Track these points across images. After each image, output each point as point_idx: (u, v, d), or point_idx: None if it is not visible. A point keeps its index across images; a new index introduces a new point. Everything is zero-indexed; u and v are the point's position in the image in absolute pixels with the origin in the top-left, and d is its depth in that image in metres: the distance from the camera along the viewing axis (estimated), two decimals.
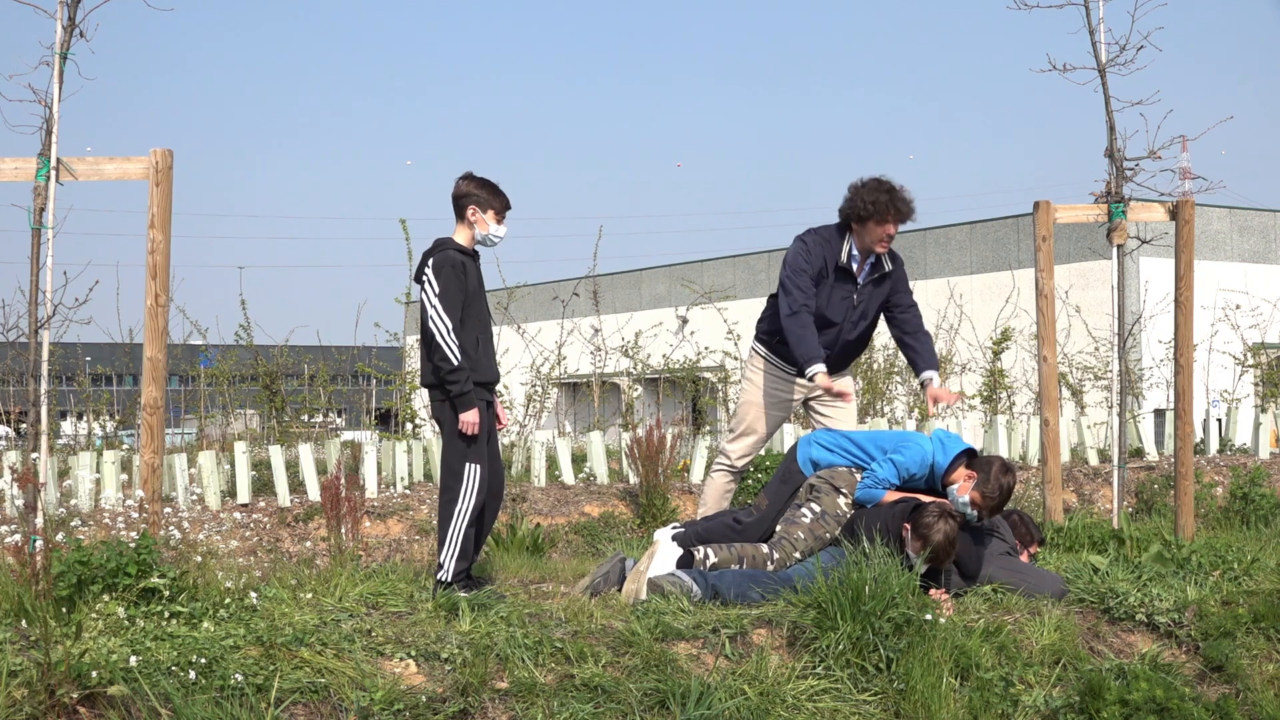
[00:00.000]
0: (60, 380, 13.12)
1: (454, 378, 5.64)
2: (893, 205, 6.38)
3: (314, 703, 4.39)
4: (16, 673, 4.10)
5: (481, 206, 5.86)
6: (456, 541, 5.66)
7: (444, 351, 5.65)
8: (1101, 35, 7.38)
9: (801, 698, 4.92)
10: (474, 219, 5.86)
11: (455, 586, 5.61)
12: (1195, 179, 7.86)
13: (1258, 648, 5.89)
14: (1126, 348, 7.95)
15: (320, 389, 11.86)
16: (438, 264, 5.74)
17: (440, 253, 5.80)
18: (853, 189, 6.48)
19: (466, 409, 5.64)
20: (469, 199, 5.85)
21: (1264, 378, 13.05)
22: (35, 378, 5.61)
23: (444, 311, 5.67)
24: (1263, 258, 27.26)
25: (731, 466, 6.89)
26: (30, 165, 5.69)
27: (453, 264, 5.74)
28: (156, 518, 5.82)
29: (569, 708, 4.60)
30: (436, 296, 5.68)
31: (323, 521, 7.29)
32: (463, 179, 5.90)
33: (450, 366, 5.64)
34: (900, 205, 6.42)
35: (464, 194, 5.87)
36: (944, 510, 5.72)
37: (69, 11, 5.64)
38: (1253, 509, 9.01)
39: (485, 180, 5.92)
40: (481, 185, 5.88)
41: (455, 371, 5.64)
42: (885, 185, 6.43)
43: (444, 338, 5.65)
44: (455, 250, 5.82)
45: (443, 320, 5.66)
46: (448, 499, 5.71)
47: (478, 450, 5.72)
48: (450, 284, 5.70)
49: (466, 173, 5.93)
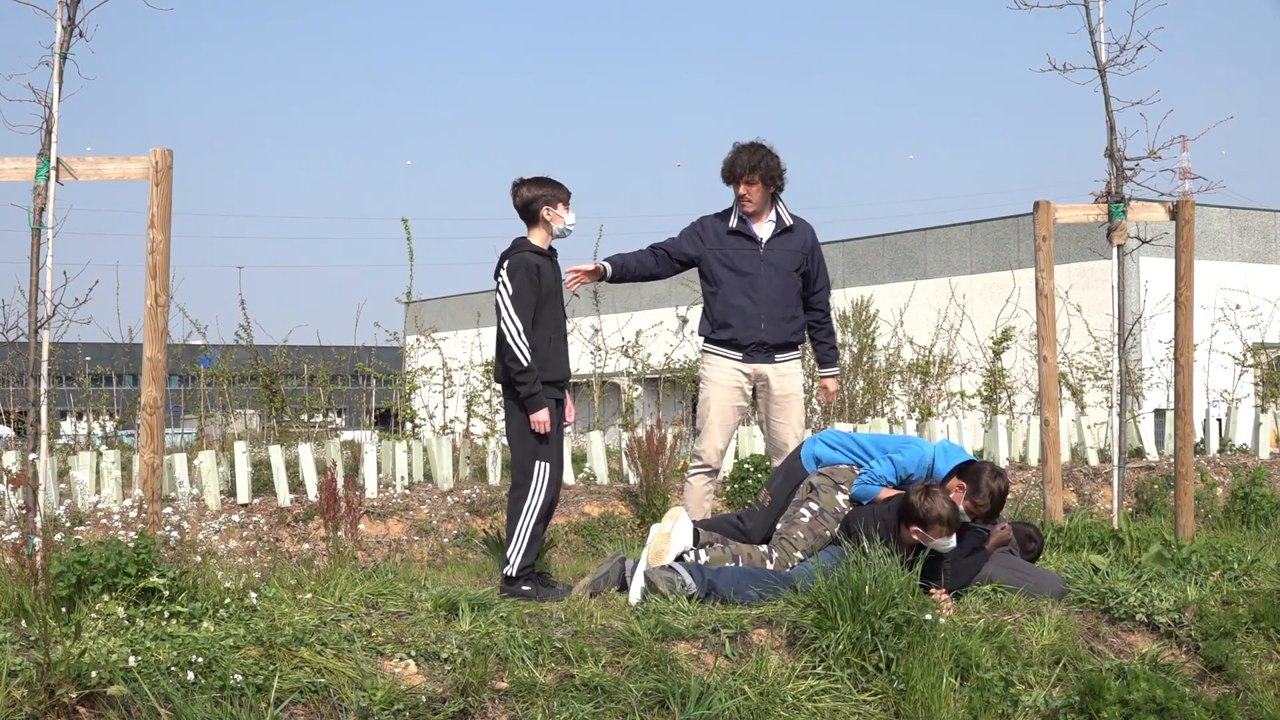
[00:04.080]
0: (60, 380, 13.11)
1: (523, 379, 5.82)
2: (736, 163, 6.75)
3: (314, 703, 4.39)
4: (16, 673, 4.10)
5: (552, 203, 6.04)
6: (524, 539, 5.80)
7: (514, 353, 5.83)
8: (1101, 35, 7.38)
9: (801, 698, 4.92)
10: (549, 216, 6.04)
11: (520, 582, 5.76)
12: (1195, 179, 7.85)
13: (1258, 648, 5.89)
14: (1126, 348, 7.94)
15: (320, 389, 11.85)
16: (512, 266, 5.93)
17: (516, 254, 5.98)
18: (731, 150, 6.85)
19: (536, 409, 5.83)
20: (539, 200, 6.03)
21: (1264, 378, 13.06)
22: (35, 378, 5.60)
23: (516, 313, 5.85)
24: (1263, 258, 27.26)
25: (705, 467, 6.93)
26: (30, 165, 5.68)
27: (527, 266, 5.91)
28: (156, 518, 5.81)
29: (569, 708, 4.60)
30: (510, 298, 5.87)
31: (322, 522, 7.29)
32: (522, 186, 6.07)
33: (520, 368, 5.82)
34: (743, 161, 6.74)
35: (533, 198, 6.03)
36: (927, 488, 5.71)
37: (69, 11, 5.63)
38: (1253, 509, 9.01)
39: (541, 177, 6.09)
40: (543, 183, 6.07)
41: (524, 373, 5.82)
42: (753, 145, 6.78)
43: (514, 339, 5.84)
44: (531, 252, 5.99)
45: (514, 322, 5.85)
46: (517, 496, 5.87)
47: (548, 449, 5.89)
48: (523, 286, 5.87)
49: (519, 179, 6.10)
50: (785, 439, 6.87)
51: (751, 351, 6.82)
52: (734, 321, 6.79)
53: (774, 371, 6.84)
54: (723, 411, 6.89)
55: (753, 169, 6.73)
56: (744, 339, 6.80)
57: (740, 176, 6.76)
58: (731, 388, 6.89)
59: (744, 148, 6.80)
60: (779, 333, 6.83)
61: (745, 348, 6.82)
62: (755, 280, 6.79)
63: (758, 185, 6.76)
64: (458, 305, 36.37)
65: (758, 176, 6.75)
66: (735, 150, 6.81)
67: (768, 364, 6.84)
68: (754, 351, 6.82)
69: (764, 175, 6.75)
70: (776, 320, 6.82)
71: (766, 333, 6.79)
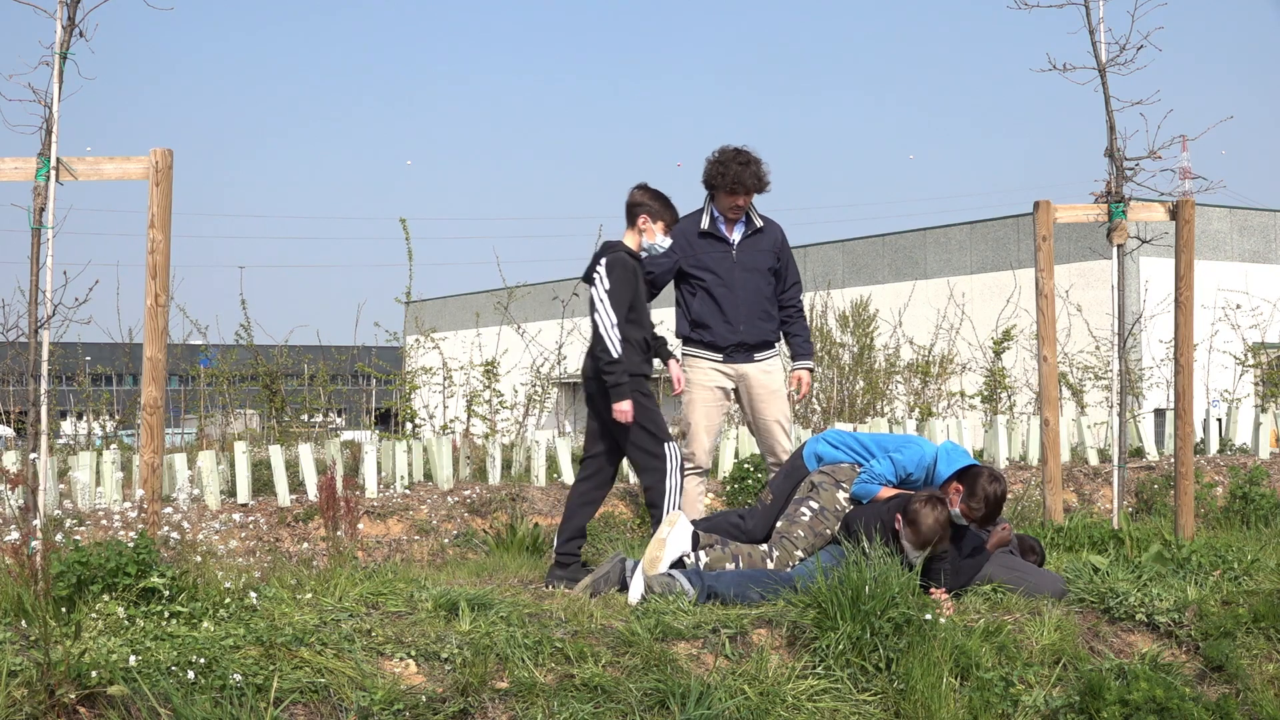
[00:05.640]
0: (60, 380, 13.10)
1: (611, 368, 6.07)
2: (738, 180, 6.72)
3: (314, 703, 4.38)
4: (16, 673, 4.10)
5: (653, 217, 6.32)
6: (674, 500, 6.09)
7: (605, 344, 6.09)
8: (1101, 35, 7.38)
9: (801, 698, 4.92)
10: (644, 227, 6.33)
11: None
12: (1195, 179, 7.86)
13: (1258, 648, 5.89)
14: (1127, 347, 7.94)
15: (320, 389, 11.85)
16: (610, 263, 6.19)
17: (614, 253, 6.25)
18: (711, 156, 6.82)
19: (620, 399, 6.06)
20: (642, 208, 6.33)
21: (1264, 377, 13.05)
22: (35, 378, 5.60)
23: (611, 307, 6.11)
24: (1263, 258, 27.25)
25: (695, 469, 6.97)
26: (30, 165, 5.68)
27: (624, 264, 6.19)
28: (156, 518, 5.81)
29: (569, 708, 4.60)
30: (606, 292, 6.13)
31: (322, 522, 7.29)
32: (638, 189, 6.37)
33: (609, 358, 6.07)
34: (747, 180, 6.74)
35: (638, 203, 6.34)
36: (933, 497, 5.74)
37: (69, 11, 5.62)
38: (1253, 509, 9.01)
39: (659, 193, 6.38)
40: (655, 197, 6.35)
41: (613, 363, 6.06)
42: (741, 156, 6.76)
43: (607, 331, 6.09)
44: (626, 253, 6.27)
45: (609, 315, 6.11)
46: (656, 479, 6.15)
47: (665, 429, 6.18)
48: (620, 283, 6.14)
49: (642, 183, 6.39)
50: (774, 434, 6.91)
51: (731, 352, 6.88)
52: (712, 323, 6.84)
53: (755, 369, 6.89)
54: (707, 413, 6.93)
55: (754, 192, 6.79)
56: (723, 340, 6.84)
57: (745, 191, 6.76)
58: (713, 388, 6.93)
59: (745, 162, 6.73)
60: (757, 332, 6.89)
61: (724, 349, 6.87)
62: (730, 282, 6.83)
63: (750, 197, 6.81)
64: (458, 305, 36.37)
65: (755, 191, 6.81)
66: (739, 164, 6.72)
67: (748, 363, 6.90)
68: (734, 352, 6.88)
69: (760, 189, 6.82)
70: (754, 320, 6.87)
71: (745, 333, 6.84)
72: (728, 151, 6.77)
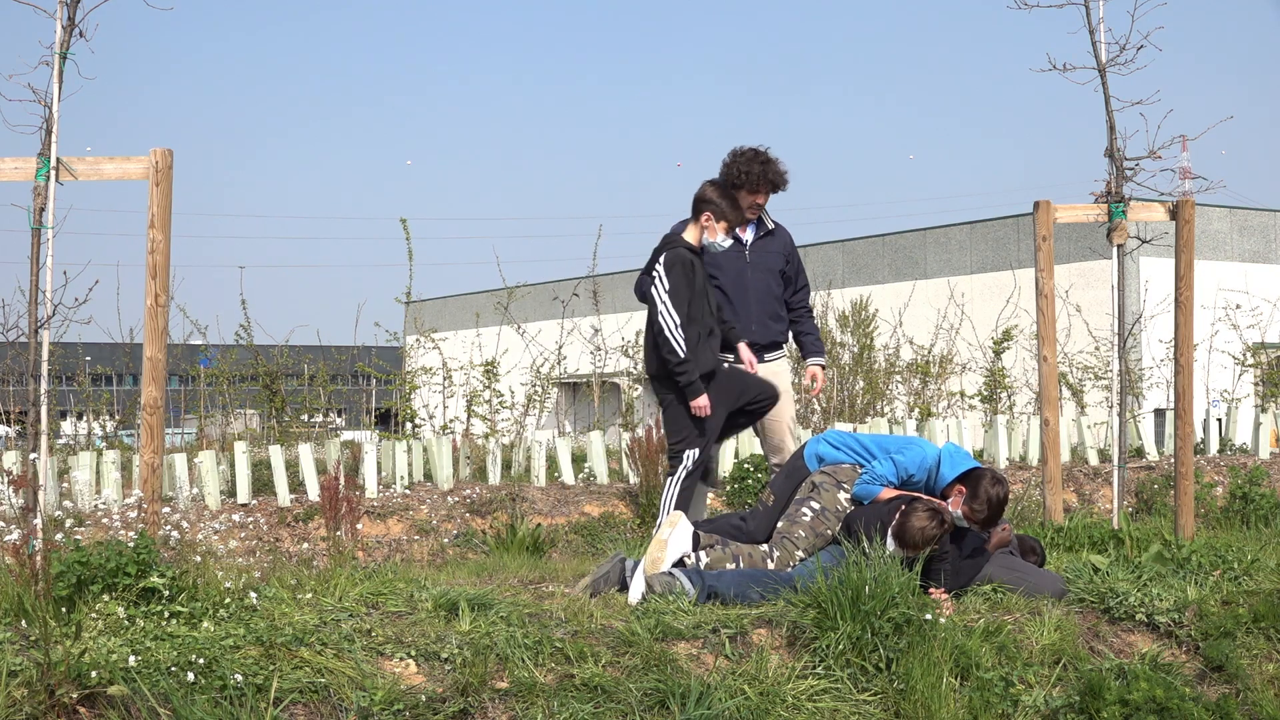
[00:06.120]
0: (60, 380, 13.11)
1: (681, 369, 6.16)
2: (764, 176, 6.69)
3: (314, 703, 4.38)
4: (16, 673, 4.10)
5: (717, 216, 6.33)
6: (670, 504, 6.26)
7: (671, 345, 6.15)
8: (1101, 35, 7.38)
9: (801, 698, 4.92)
10: (706, 225, 6.35)
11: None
12: (1195, 179, 7.86)
13: (1258, 648, 5.89)
14: (1126, 348, 7.94)
15: (320, 389, 11.86)
16: (669, 261, 6.23)
17: (672, 250, 6.29)
18: (731, 156, 6.76)
19: (695, 396, 6.18)
20: (708, 205, 6.34)
21: (1264, 378, 13.06)
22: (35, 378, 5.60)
23: (672, 308, 6.16)
24: (1263, 258, 27.26)
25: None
26: (30, 165, 5.68)
27: (683, 262, 6.21)
28: (156, 518, 5.81)
29: (569, 708, 4.60)
30: (666, 293, 6.18)
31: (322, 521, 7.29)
32: (709, 184, 6.39)
33: (677, 359, 6.15)
34: (773, 176, 6.72)
35: (705, 199, 6.35)
36: (934, 508, 5.74)
37: (69, 11, 5.62)
38: (1253, 509, 9.02)
39: (729, 193, 6.40)
40: (724, 196, 6.36)
41: (683, 364, 6.15)
42: (761, 156, 6.71)
43: (671, 332, 6.15)
44: (686, 248, 6.31)
45: (671, 316, 6.16)
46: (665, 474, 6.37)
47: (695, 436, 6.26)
48: (679, 282, 6.18)
49: (714, 179, 6.43)
50: (780, 434, 6.90)
51: None
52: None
53: (765, 370, 6.87)
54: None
55: (777, 189, 6.78)
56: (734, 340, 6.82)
57: (770, 190, 6.74)
58: None
59: (767, 160, 6.68)
60: (767, 332, 6.88)
61: (735, 349, 6.83)
62: (743, 282, 6.82)
63: (769, 196, 6.81)
64: (458, 305, 36.37)
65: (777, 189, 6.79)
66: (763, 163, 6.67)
67: (758, 363, 6.85)
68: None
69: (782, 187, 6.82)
70: (765, 320, 6.86)
71: (757, 333, 6.82)
72: (747, 151, 6.72)
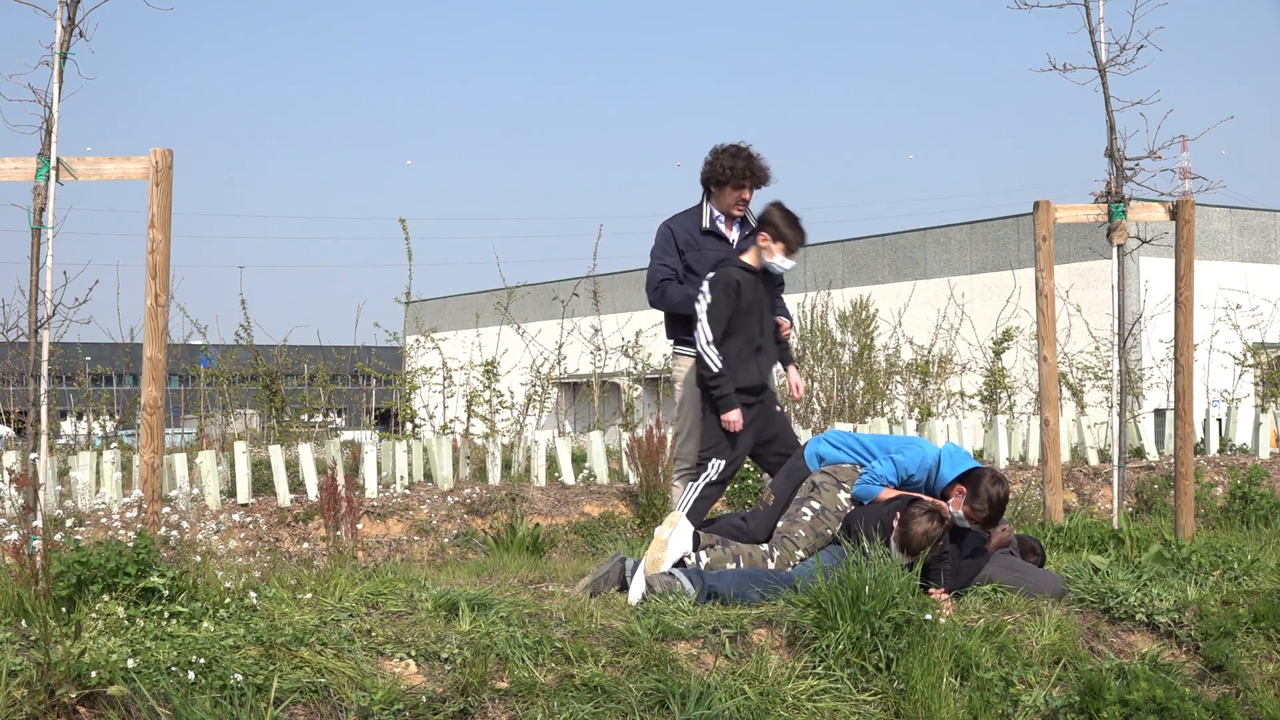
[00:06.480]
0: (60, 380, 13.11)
1: (714, 383, 6.30)
2: (748, 170, 6.72)
3: (314, 703, 4.38)
4: (16, 672, 4.10)
5: (774, 237, 6.44)
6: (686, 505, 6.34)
7: (705, 360, 6.31)
8: (1101, 35, 7.38)
9: (801, 698, 4.92)
10: (764, 245, 6.46)
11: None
12: (1195, 179, 7.86)
13: (1258, 648, 5.89)
14: (1126, 348, 7.94)
15: (320, 389, 11.86)
16: (714, 280, 6.40)
17: (723, 268, 6.44)
18: (712, 154, 6.79)
19: (727, 410, 6.30)
20: (766, 226, 6.46)
21: (1264, 378, 13.06)
22: (35, 378, 5.60)
23: (709, 324, 6.31)
24: (1263, 258, 27.26)
25: (689, 469, 6.93)
26: (30, 165, 5.68)
27: (726, 281, 6.36)
28: (156, 518, 5.81)
29: (569, 708, 4.60)
30: (705, 310, 6.35)
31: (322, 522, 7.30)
32: (774, 205, 6.49)
33: (710, 374, 6.30)
34: (756, 171, 6.75)
35: (765, 220, 6.48)
36: (934, 509, 5.73)
37: (69, 11, 5.63)
38: (1252, 509, 9.02)
39: (791, 215, 6.47)
40: (785, 218, 6.45)
41: (715, 378, 6.29)
42: (743, 152, 6.75)
43: (705, 347, 6.31)
44: (737, 268, 6.44)
45: (705, 332, 6.32)
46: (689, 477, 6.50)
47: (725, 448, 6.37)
48: (720, 299, 6.33)
49: (777, 201, 6.51)
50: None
51: None
52: None
53: None
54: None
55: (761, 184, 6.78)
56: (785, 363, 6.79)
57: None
58: None
59: (750, 155, 6.73)
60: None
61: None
62: None
63: (754, 191, 6.81)
64: (458, 305, 36.38)
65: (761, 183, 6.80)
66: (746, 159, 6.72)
67: None
68: None
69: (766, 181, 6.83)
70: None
71: None
72: (729, 147, 6.75)
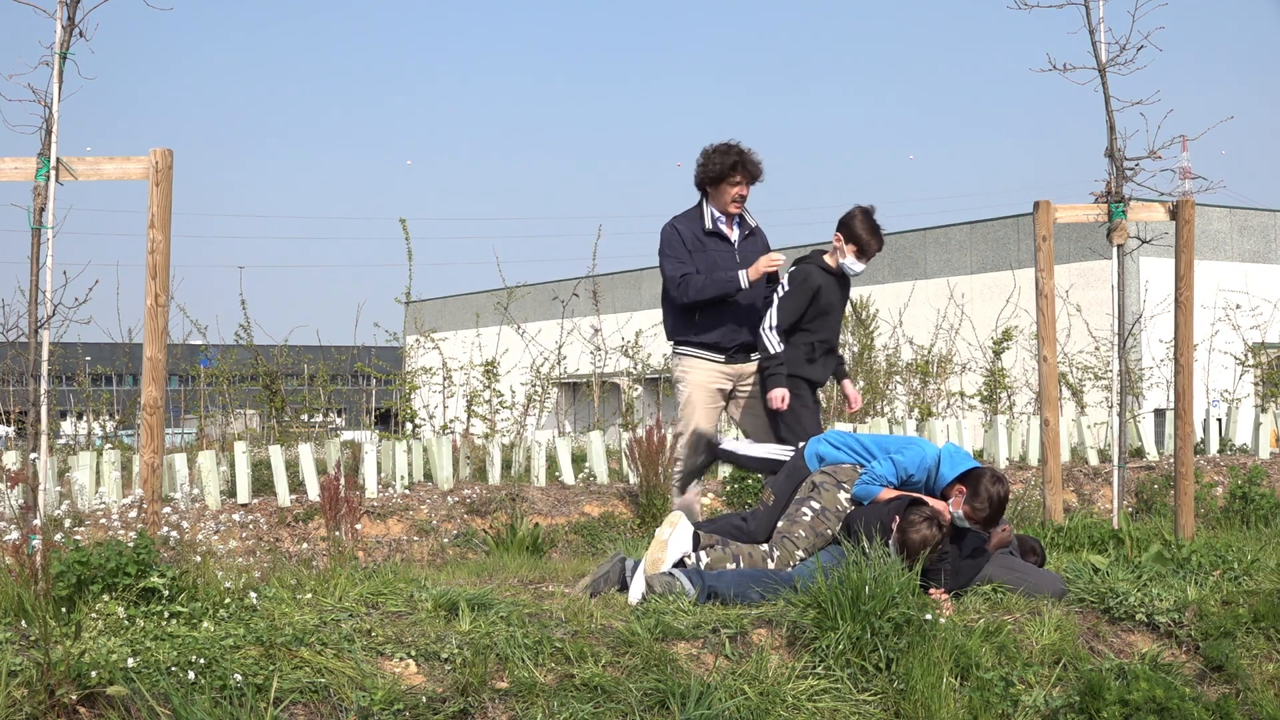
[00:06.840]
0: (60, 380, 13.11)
1: (767, 363, 6.69)
2: (741, 165, 6.83)
3: (314, 703, 4.38)
4: (16, 673, 4.10)
5: (847, 238, 6.76)
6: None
7: (764, 341, 6.68)
8: (1101, 35, 7.38)
9: (801, 698, 4.92)
10: (838, 244, 6.79)
11: None
12: (1195, 179, 7.85)
13: (1258, 648, 5.89)
14: (1127, 348, 7.94)
15: (320, 389, 11.86)
16: (795, 274, 6.75)
17: (806, 264, 6.79)
18: (703, 155, 6.89)
19: (772, 387, 6.65)
20: (841, 227, 6.77)
21: (1264, 378, 13.06)
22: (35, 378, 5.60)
23: (777, 311, 6.66)
24: (1263, 258, 27.26)
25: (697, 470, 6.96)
26: (30, 165, 5.68)
27: (808, 278, 6.72)
28: (156, 518, 5.81)
29: (569, 708, 4.60)
30: (779, 297, 6.70)
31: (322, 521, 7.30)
32: (857, 207, 6.79)
33: (766, 354, 6.68)
34: (749, 165, 6.87)
35: (844, 221, 6.77)
36: (934, 515, 5.73)
37: (69, 11, 5.62)
38: (1252, 509, 9.01)
39: (869, 220, 6.77)
40: (864, 223, 6.76)
41: (769, 359, 6.67)
42: (734, 148, 6.86)
43: (766, 331, 6.68)
44: (819, 268, 6.79)
45: (771, 316, 6.67)
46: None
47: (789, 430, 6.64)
48: (795, 293, 6.70)
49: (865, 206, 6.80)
50: (761, 439, 6.88)
51: (734, 353, 6.92)
52: (719, 324, 6.82)
53: (752, 367, 6.95)
54: (707, 414, 6.94)
55: (755, 178, 6.87)
56: (728, 341, 6.85)
57: (749, 178, 6.82)
58: (714, 390, 6.95)
59: (747, 155, 6.81)
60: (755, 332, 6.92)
61: (729, 349, 6.89)
62: None
63: (750, 186, 6.89)
64: (458, 305, 36.37)
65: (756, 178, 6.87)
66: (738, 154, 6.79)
67: (745, 363, 6.95)
68: (736, 353, 6.92)
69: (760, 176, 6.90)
70: (755, 320, 6.89)
71: (749, 333, 6.87)
72: (720, 145, 6.84)
